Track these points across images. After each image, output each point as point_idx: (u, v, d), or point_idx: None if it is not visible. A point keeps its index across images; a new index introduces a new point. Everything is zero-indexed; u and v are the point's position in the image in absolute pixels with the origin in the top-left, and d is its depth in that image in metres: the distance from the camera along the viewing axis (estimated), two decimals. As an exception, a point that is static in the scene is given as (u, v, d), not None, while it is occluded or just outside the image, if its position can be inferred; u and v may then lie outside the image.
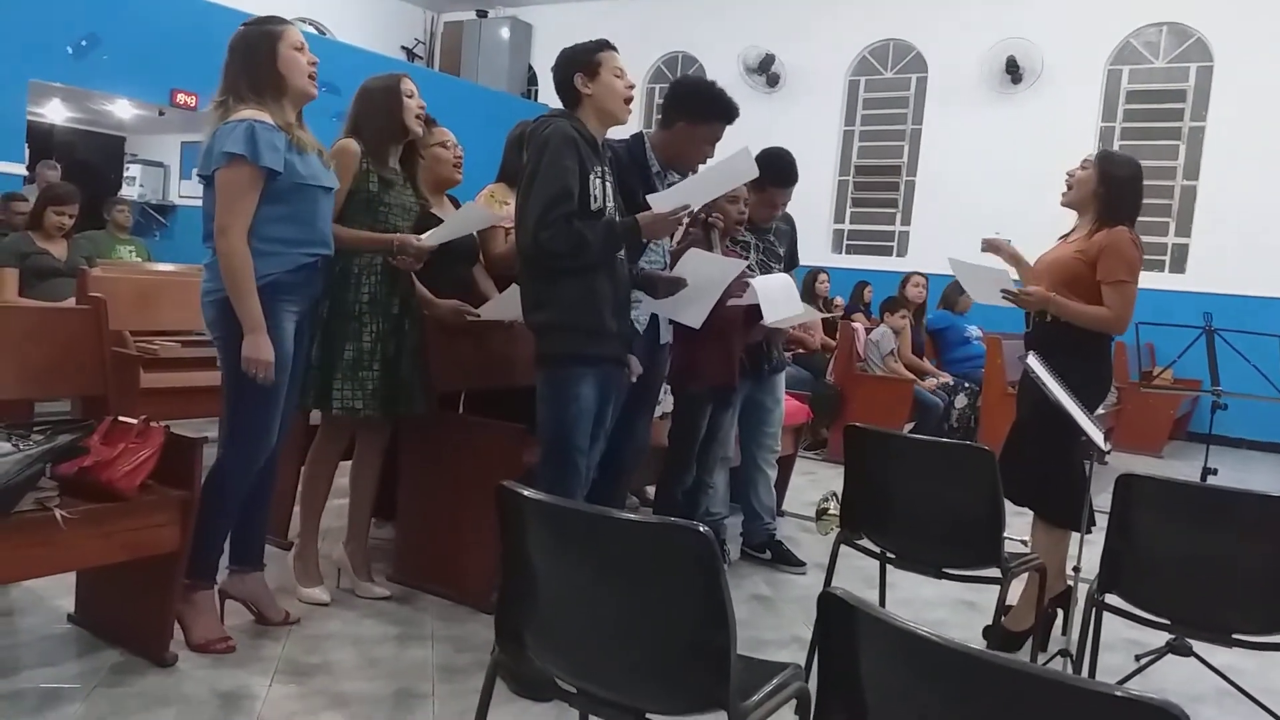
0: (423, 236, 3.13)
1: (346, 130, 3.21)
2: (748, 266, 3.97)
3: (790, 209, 4.28)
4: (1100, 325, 3.27)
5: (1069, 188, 3.38)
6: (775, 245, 4.16)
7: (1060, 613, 3.42)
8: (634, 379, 3.14)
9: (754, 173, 2.96)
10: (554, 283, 2.84)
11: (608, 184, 2.90)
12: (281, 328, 2.75)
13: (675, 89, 3.38)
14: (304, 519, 3.32)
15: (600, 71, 2.90)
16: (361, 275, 3.16)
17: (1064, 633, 3.32)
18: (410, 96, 3.21)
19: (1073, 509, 3.24)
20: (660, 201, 2.90)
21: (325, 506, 3.39)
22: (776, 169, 3.92)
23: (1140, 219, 3.31)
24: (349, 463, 3.45)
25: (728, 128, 3.25)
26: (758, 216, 4.02)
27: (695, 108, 3.26)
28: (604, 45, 2.95)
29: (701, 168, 3.26)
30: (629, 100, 2.99)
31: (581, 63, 2.91)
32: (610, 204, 2.89)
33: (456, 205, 3.80)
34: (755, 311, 3.62)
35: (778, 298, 3.67)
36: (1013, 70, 10.04)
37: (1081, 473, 3.27)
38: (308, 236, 2.80)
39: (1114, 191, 3.27)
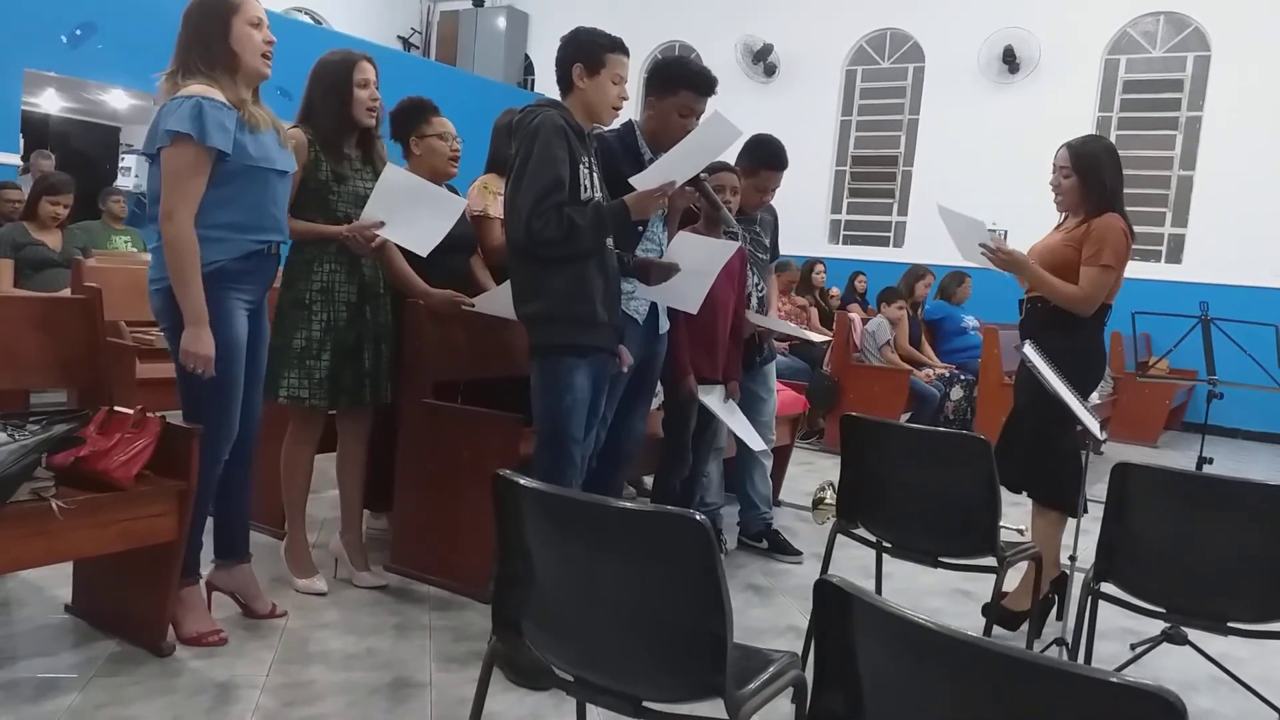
0: (373, 221, 3.03)
1: (299, 116, 3.13)
2: None
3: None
4: (1067, 302, 3.25)
5: (1058, 195, 3.37)
6: (761, 235, 4.17)
7: (1057, 598, 3.43)
8: (625, 369, 3.14)
9: (736, 135, 2.83)
10: (544, 273, 2.84)
11: (595, 174, 2.90)
12: (232, 315, 2.66)
13: (646, 71, 3.36)
14: (289, 509, 3.32)
15: (601, 72, 2.89)
16: (314, 263, 3.11)
17: (1059, 618, 3.34)
18: (364, 86, 3.11)
19: (1066, 492, 3.25)
20: (643, 180, 2.87)
21: (318, 496, 3.37)
22: (768, 152, 3.94)
23: (1136, 209, 3.33)
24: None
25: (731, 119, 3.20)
26: (747, 202, 4.00)
27: (657, 81, 3.26)
28: (616, 46, 2.92)
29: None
30: (618, 109, 2.97)
31: (586, 54, 2.89)
32: (599, 194, 2.89)
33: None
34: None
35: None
36: (1010, 60, 10.03)
37: (1076, 457, 3.28)
38: (257, 222, 2.69)
39: (1096, 181, 3.26)
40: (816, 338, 5.42)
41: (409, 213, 3.10)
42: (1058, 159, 3.34)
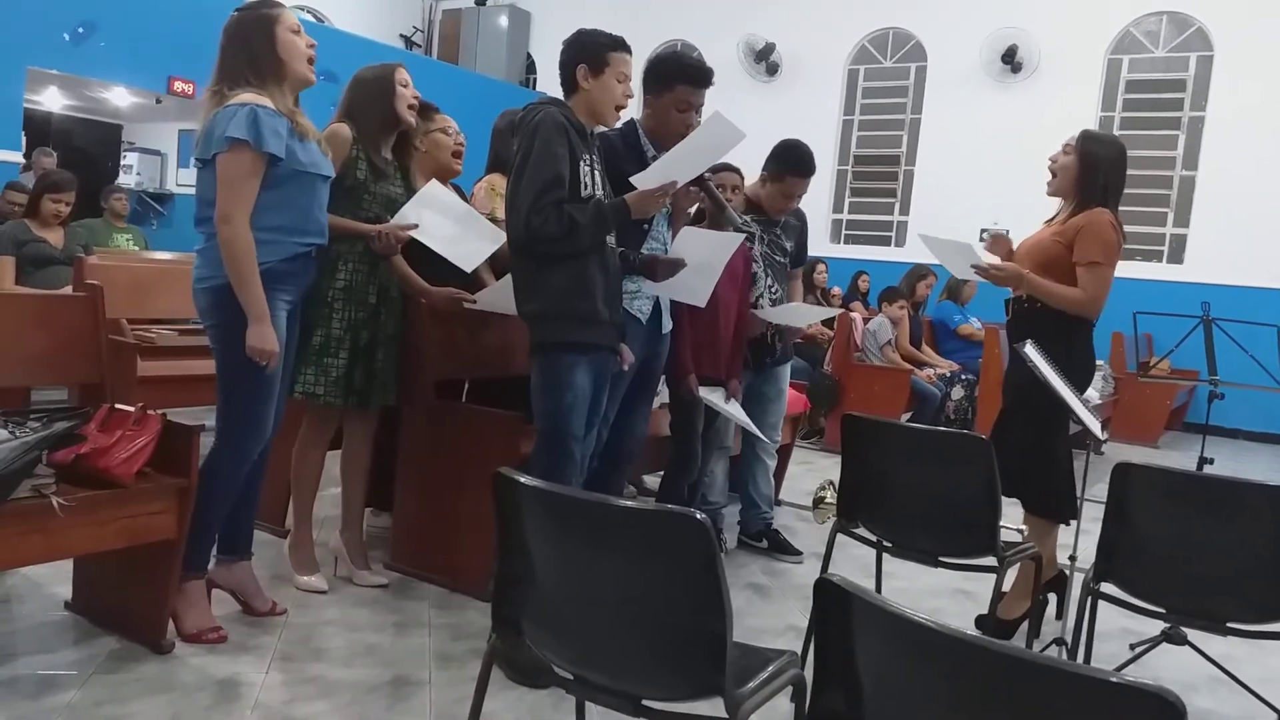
0: (407, 221, 3.10)
1: (339, 115, 3.19)
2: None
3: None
4: (1072, 306, 3.20)
5: (1053, 175, 3.33)
6: (781, 239, 4.15)
7: (1054, 598, 3.43)
8: (625, 367, 3.14)
9: (738, 136, 2.81)
10: (545, 271, 2.83)
11: (597, 172, 2.89)
12: (275, 317, 2.71)
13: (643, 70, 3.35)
14: (296, 507, 3.32)
15: (604, 71, 2.88)
16: (338, 261, 3.13)
17: (1058, 617, 3.34)
18: (405, 86, 3.20)
19: (1055, 499, 3.24)
20: (644, 179, 2.86)
21: (319, 494, 3.38)
22: (796, 158, 3.95)
23: (1139, 209, 3.32)
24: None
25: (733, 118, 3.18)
26: (772, 207, 4.02)
27: (652, 78, 3.25)
28: (619, 45, 2.92)
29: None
30: (622, 108, 2.98)
31: (589, 55, 2.88)
32: (600, 191, 2.88)
33: (461, 195, 3.78)
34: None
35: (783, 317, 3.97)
36: (1013, 59, 10.02)
37: (1065, 464, 3.27)
38: (303, 225, 2.77)
39: (1093, 172, 3.21)
40: (828, 312, 5.38)
41: (445, 227, 3.16)
42: (1069, 138, 3.31)
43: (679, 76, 3.20)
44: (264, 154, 2.61)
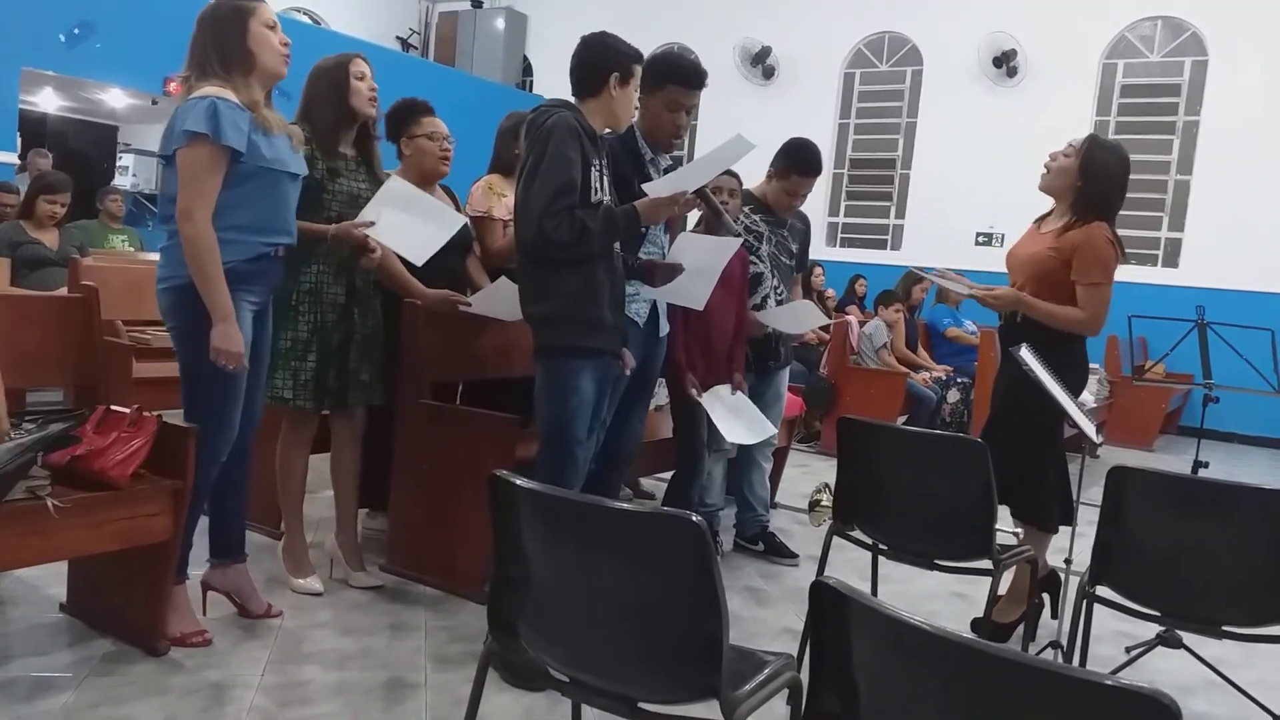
0: (363, 221, 3.04)
1: (298, 115, 3.14)
2: (756, 255, 3.99)
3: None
4: (1073, 327, 3.17)
5: (1047, 171, 3.26)
6: (788, 240, 4.16)
7: (1047, 598, 3.43)
8: (627, 372, 3.14)
9: (748, 148, 2.84)
10: (554, 275, 2.82)
11: (605, 177, 2.90)
12: (240, 318, 2.65)
13: None
14: (285, 509, 3.32)
15: (629, 82, 2.92)
16: (302, 264, 3.08)
17: (1054, 616, 3.34)
18: (361, 78, 3.14)
19: (1042, 508, 3.23)
20: (656, 189, 2.89)
21: (315, 496, 3.37)
22: (803, 156, 3.99)
23: (1134, 213, 3.30)
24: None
25: (730, 121, 3.21)
26: (777, 205, 4.04)
27: (645, 78, 3.24)
28: (640, 58, 2.97)
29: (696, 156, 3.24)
30: (630, 119, 3.03)
31: (623, 66, 2.90)
32: (608, 196, 2.89)
33: (452, 196, 3.77)
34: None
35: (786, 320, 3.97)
36: (1008, 63, 10.04)
37: (1055, 472, 3.26)
38: (268, 224, 2.71)
39: (1095, 181, 3.14)
40: (826, 319, 5.42)
41: (406, 221, 3.11)
42: (1074, 140, 3.24)
43: (670, 77, 3.20)
44: (224, 147, 2.55)
